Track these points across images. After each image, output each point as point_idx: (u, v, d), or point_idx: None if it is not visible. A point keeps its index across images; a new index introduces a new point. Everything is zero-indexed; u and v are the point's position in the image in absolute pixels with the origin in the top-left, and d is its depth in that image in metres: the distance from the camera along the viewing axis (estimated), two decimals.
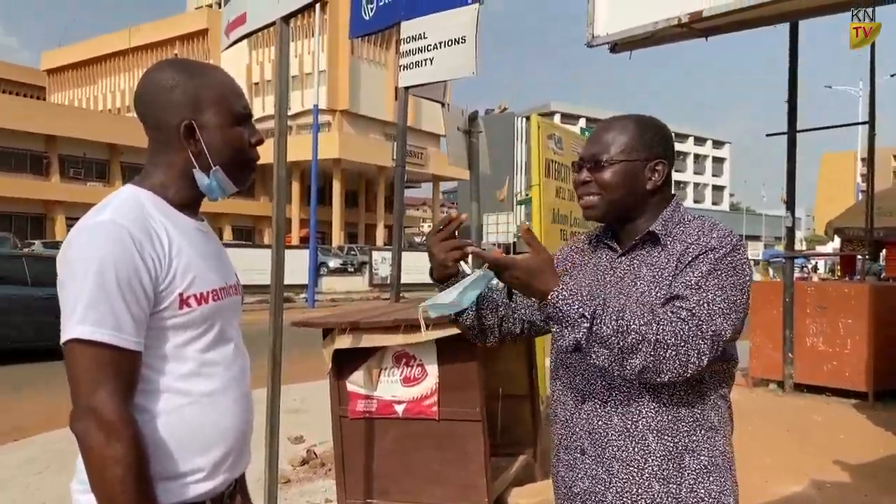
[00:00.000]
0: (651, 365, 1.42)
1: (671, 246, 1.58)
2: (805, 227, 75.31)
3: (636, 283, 1.58)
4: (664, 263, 1.57)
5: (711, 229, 1.57)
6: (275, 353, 2.79)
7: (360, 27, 4.71)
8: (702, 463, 1.54)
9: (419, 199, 71.91)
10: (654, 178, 1.63)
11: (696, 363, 1.43)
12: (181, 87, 1.47)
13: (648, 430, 1.54)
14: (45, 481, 4.99)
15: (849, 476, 5.10)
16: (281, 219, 2.86)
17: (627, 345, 1.40)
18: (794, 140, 8.55)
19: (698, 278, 1.48)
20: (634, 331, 1.40)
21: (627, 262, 1.64)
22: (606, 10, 5.82)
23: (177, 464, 1.39)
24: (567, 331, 1.44)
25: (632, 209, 1.65)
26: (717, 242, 1.53)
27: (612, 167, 1.62)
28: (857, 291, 8.02)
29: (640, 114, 1.72)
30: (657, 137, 1.66)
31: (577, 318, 1.41)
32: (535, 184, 5.45)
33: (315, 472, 5.19)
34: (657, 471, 1.52)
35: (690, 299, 1.46)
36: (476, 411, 2.89)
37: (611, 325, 1.40)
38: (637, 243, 1.64)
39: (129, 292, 1.32)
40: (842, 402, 7.71)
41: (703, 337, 1.43)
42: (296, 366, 7.61)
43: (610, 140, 1.64)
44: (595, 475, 1.60)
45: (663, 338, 1.41)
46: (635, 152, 1.62)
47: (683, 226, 1.61)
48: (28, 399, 8.08)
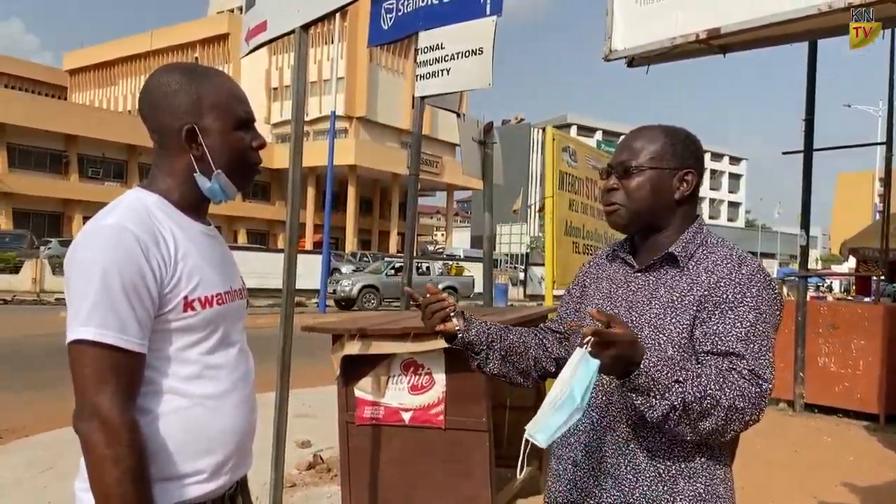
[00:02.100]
0: (720, 427, 1.41)
1: (693, 270, 1.55)
2: (821, 246, 74.72)
3: (651, 302, 1.56)
4: (685, 288, 1.53)
5: (741, 264, 1.53)
6: (284, 357, 2.81)
7: (379, 36, 4.74)
8: (697, 490, 1.50)
9: (433, 208, 72.00)
10: (682, 187, 1.61)
11: (755, 421, 1.44)
12: (184, 91, 1.48)
13: (640, 449, 1.52)
14: (48, 481, 5.02)
15: (857, 499, 5.06)
16: (294, 224, 2.88)
17: (703, 409, 1.39)
18: (811, 158, 8.51)
19: (747, 329, 1.46)
20: (710, 395, 1.39)
21: (643, 279, 1.61)
22: (624, 25, 5.82)
23: (178, 465, 1.41)
24: (656, 400, 1.38)
25: (656, 219, 1.62)
26: (752, 280, 1.50)
27: (640, 175, 1.60)
28: (871, 312, 7.95)
29: (671, 124, 1.69)
30: (688, 148, 1.63)
31: (670, 383, 1.37)
32: (549, 196, 5.46)
33: (321, 477, 5.20)
34: (647, 492, 1.50)
35: (748, 357, 1.44)
36: (482, 421, 2.89)
37: (695, 392, 1.38)
38: (655, 262, 1.60)
39: (134, 295, 1.34)
40: (852, 423, 7.64)
41: (764, 396, 1.43)
42: (305, 370, 7.63)
43: (639, 147, 1.62)
44: (585, 488, 1.58)
45: (734, 402, 1.39)
46: (665, 160, 1.60)
47: (707, 250, 1.58)
48: (30, 399, 8.11)
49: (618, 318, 1.38)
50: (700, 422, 1.39)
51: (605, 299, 1.65)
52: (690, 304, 1.50)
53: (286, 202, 2.94)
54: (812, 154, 8.52)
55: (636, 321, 1.55)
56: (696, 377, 1.39)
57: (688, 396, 1.38)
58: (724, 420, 1.40)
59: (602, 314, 1.34)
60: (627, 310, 1.58)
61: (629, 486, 1.52)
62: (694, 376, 1.40)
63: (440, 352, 2.91)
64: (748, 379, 1.42)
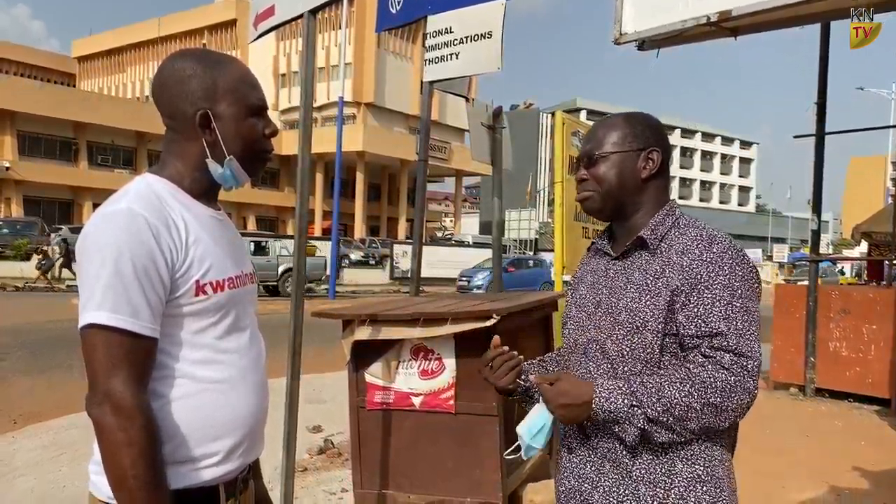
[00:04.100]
0: (708, 423, 1.46)
1: (665, 253, 1.58)
2: (832, 230, 74.27)
3: (626, 287, 1.60)
4: (657, 271, 1.56)
5: (711, 242, 1.55)
6: (295, 342, 2.82)
7: (387, 20, 4.71)
8: (696, 472, 1.52)
9: (441, 194, 71.90)
10: (648, 166, 1.65)
11: (749, 400, 1.47)
12: (198, 77, 1.48)
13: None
14: (62, 467, 5.08)
15: (867, 483, 5.05)
16: (304, 211, 2.88)
17: (677, 416, 1.45)
18: (823, 142, 8.44)
19: (725, 307, 1.48)
20: (678, 403, 1.44)
21: (620, 266, 1.66)
22: (634, 8, 5.77)
23: (191, 448, 1.42)
24: (627, 426, 1.48)
25: (627, 200, 1.67)
26: (724, 258, 1.52)
27: (605, 160, 1.66)
28: (883, 297, 7.90)
29: (631, 111, 1.76)
30: (648, 128, 1.68)
31: (627, 409, 1.47)
32: (558, 181, 5.44)
33: (332, 461, 5.23)
34: (644, 474, 1.53)
35: (730, 336, 1.47)
36: (493, 406, 2.89)
37: (656, 407, 1.45)
38: (629, 248, 1.65)
39: (146, 279, 1.34)
40: (863, 408, 7.63)
41: (751, 374, 1.46)
42: (316, 356, 7.67)
43: (602, 136, 1.69)
44: (582, 474, 1.62)
45: (708, 400, 1.44)
46: (627, 143, 1.66)
47: (679, 231, 1.61)
48: (44, 385, 8.18)
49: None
50: (682, 426, 1.46)
51: (589, 289, 1.71)
52: (664, 286, 1.53)
53: (295, 189, 2.94)
54: (824, 138, 8.44)
55: (614, 307, 1.60)
56: (655, 391, 1.45)
57: (651, 413, 1.45)
58: (706, 417, 1.45)
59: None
60: (608, 296, 1.63)
61: (626, 469, 1.54)
62: (654, 391, 1.45)
63: (450, 337, 2.91)
64: (728, 367, 1.45)
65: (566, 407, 1.51)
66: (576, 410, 1.51)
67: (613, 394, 1.47)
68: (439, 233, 59.56)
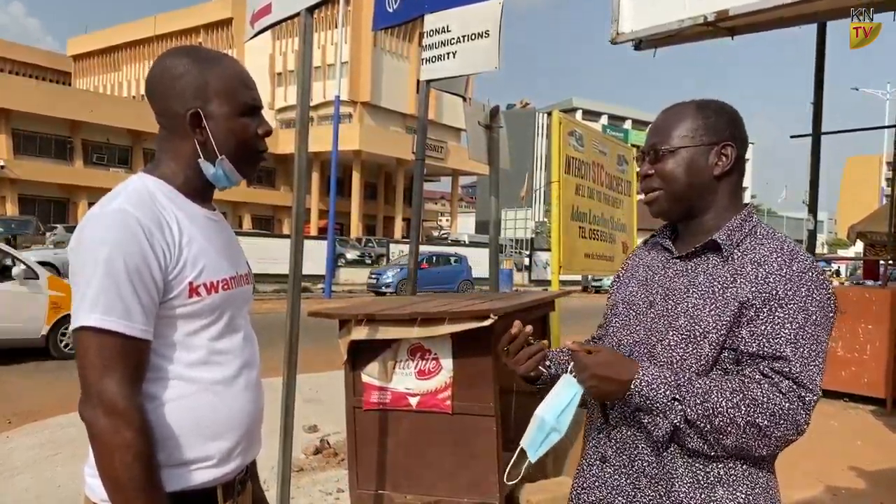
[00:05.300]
0: (746, 444, 1.34)
1: (738, 261, 1.43)
2: (827, 230, 74.46)
3: (689, 290, 1.45)
4: (727, 279, 1.41)
5: (792, 258, 1.40)
6: (291, 342, 2.81)
7: (384, 19, 4.71)
8: (738, 499, 1.40)
9: (438, 193, 71.93)
10: (721, 162, 1.49)
11: (795, 435, 1.34)
12: (190, 75, 1.46)
13: (678, 453, 1.42)
14: (58, 465, 5.06)
15: (864, 483, 5.06)
16: (300, 210, 2.87)
17: (716, 427, 1.33)
18: (819, 142, 8.46)
19: (796, 331, 1.34)
20: (722, 413, 1.32)
21: (682, 266, 1.51)
22: (631, 7, 5.77)
23: (187, 450, 1.40)
24: (660, 419, 1.37)
25: (697, 201, 1.51)
26: (804, 278, 1.38)
27: (673, 156, 1.50)
28: (879, 297, 7.92)
29: (704, 98, 1.57)
30: (722, 118, 1.51)
31: (667, 401, 1.35)
32: (555, 180, 5.42)
33: (328, 461, 5.22)
34: (683, 498, 1.41)
35: (792, 363, 1.33)
36: (490, 406, 2.88)
37: (697, 410, 1.34)
38: (697, 249, 1.49)
39: (139, 281, 1.33)
40: (859, 408, 7.64)
41: (807, 408, 1.33)
42: (311, 356, 7.65)
43: (669, 127, 1.52)
44: (616, 486, 1.50)
45: (755, 419, 1.31)
46: (697, 137, 1.49)
47: (756, 241, 1.45)
48: (40, 384, 8.16)
49: (601, 347, 1.44)
50: (717, 439, 1.34)
51: (641, 286, 1.57)
52: (733, 296, 1.39)
53: (291, 188, 2.93)
54: (820, 137, 8.46)
55: (671, 310, 1.46)
56: (702, 393, 1.34)
57: (690, 414, 1.34)
58: (745, 438, 1.33)
59: (579, 346, 1.41)
60: (664, 297, 1.49)
61: (665, 488, 1.43)
62: (700, 392, 1.34)
63: (447, 337, 2.90)
64: (785, 392, 1.32)
65: (604, 380, 1.38)
66: (612, 385, 1.38)
67: (657, 380, 1.36)
68: (436, 232, 59.56)
